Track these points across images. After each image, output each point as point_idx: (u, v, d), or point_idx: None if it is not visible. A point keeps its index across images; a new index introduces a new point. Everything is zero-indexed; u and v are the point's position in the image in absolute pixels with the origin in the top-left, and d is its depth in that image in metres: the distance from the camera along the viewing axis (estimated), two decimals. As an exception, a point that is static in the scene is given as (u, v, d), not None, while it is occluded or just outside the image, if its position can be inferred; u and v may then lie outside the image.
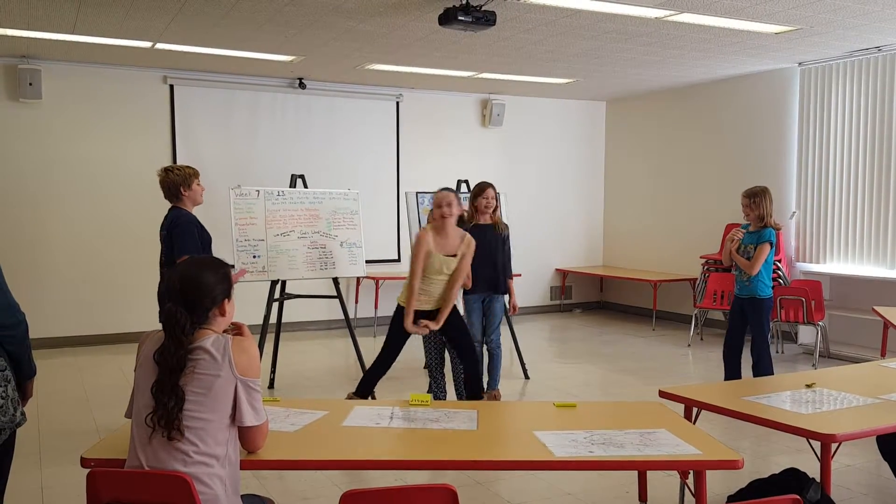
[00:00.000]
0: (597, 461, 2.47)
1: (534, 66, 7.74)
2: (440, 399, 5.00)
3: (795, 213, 7.82)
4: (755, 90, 8.22)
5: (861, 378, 3.77)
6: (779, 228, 5.27)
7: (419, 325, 4.73)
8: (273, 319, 6.26)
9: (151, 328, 2.30)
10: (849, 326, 7.30)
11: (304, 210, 6.29)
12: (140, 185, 7.47)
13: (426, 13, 5.55)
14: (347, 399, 4.82)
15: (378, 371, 4.94)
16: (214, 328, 2.24)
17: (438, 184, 8.31)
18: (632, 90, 9.36)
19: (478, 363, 5.01)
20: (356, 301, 8.70)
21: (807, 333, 7.41)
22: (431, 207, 4.79)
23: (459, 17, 5.06)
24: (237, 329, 2.34)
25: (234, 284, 2.35)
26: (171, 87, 7.98)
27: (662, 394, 3.42)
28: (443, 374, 5.13)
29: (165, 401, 2.08)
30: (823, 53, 7.11)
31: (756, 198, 5.18)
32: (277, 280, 6.22)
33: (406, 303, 4.75)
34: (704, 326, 8.44)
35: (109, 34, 6.31)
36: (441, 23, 5.24)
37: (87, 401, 5.61)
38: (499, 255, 5.47)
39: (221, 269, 2.31)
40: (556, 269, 10.17)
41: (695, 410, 3.33)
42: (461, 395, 5.07)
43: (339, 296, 6.27)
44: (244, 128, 8.31)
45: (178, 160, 7.74)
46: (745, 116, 8.37)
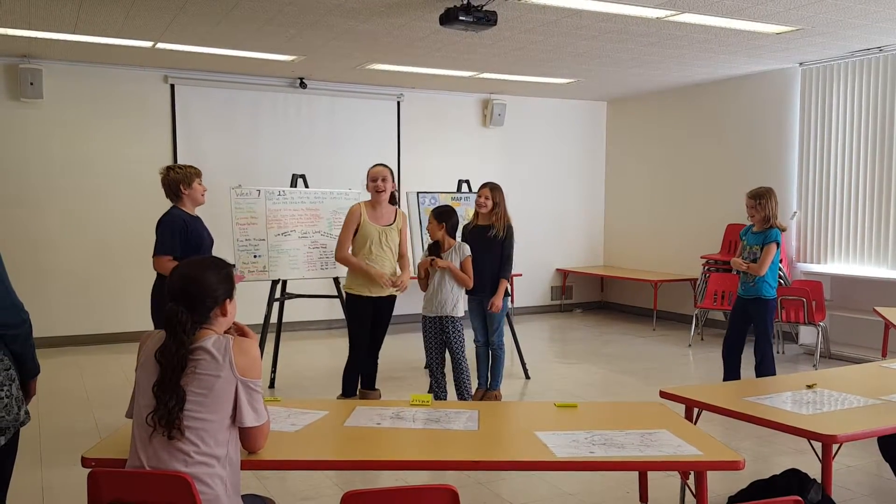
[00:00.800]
0: (598, 462, 2.47)
1: (535, 67, 7.74)
2: (441, 399, 5.01)
3: (796, 214, 7.82)
4: (756, 90, 8.22)
5: (862, 379, 3.77)
6: (784, 229, 5.24)
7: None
8: (274, 319, 6.27)
9: (152, 328, 2.30)
10: (850, 327, 7.30)
11: (305, 210, 6.29)
12: (141, 185, 7.47)
13: (427, 13, 5.55)
14: (337, 399, 4.85)
15: (353, 369, 5.05)
16: (216, 328, 2.24)
17: (439, 184, 8.41)
18: (633, 90, 9.35)
19: (373, 363, 5.16)
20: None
21: (808, 334, 7.41)
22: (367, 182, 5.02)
23: (460, 17, 5.07)
24: (240, 330, 2.34)
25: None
26: (172, 87, 7.98)
27: (663, 394, 3.42)
28: (443, 375, 5.13)
29: (166, 400, 2.09)
30: (824, 53, 7.11)
31: (762, 199, 5.14)
32: (278, 280, 6.23)
33: (354, 270, 4.86)
34: (705, 326, 8.44)
35: (110, 34, 6.31)
36: (442, 23, 5.23)
37: (88, 400, 5.61)
38: (494, 256, 5.35)
39: (223, 269, 2.31)
40: (557, 269, 10.17)
41: (696, 411, 3.33)
42: (461, 396, 5.08)
43: (340, 295, 6.27)
44: (245, 127, 8.31)
45: (179, 160, 7.74)
46: (746, 116, 8.37)
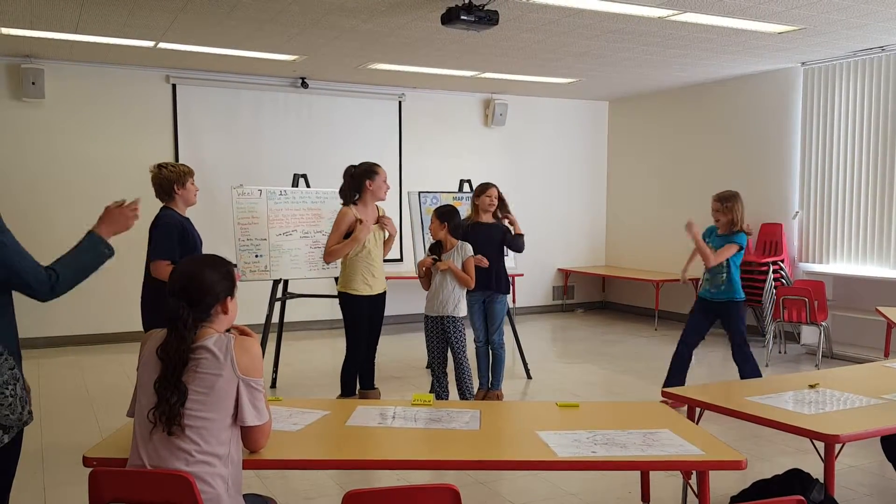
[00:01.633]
0: (599, 461, 2.46)
1: (536, 66, 7.74)
2: (443, 399, 5.00)
3: (798, 213, 7.81)
4: (758, 90, 8.21)
5: (864, 378, 3.76)
6: (749, 234, 5.14)
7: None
8: (275, 319, 6.27)
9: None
10: (852, 327, 7.29)
11: (307, 209, 6.29)
12: (143, 185, 7.30)
13: (428, 13, 5.55)
14: (337, 399, 4.84)
15: (351, 369, 5.04)
16: (217, 327, 2.24)
17: (441, 184, 8.41)
18: (634, 90, 9.35)
19: (370, 362, 5.17)
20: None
21: (810, 334, 7.40)
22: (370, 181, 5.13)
23: (462, 17, 5.06)
24: (240, 331, 2.34)
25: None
26: (174, 87, 7.99)
27: (665, 394, 3.41)
28: (445, 374, 5.13)
29: (168, 396, 2.09)
30: (827, 53, 7.10)
31: (728, 202, 5.07)
32: (280, 279, 6.23)
33: (346, 247, 4.87)
34: (707, 326, 8.43)
35: (112, 34, 6.31)
36: (443, 22, 5.23)
37: (90, 400, 5.62)
38: (495, 252, 5.42)
39: (224, 267, 2.31)
40: (559, 269, 10.17)
41: (698, 411, 3.32)
42: (462, 396, 5.07)
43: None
44: (246, 127, 8.31)
45: (181, 159, 7.74)
46: (748, 116, 8.36)
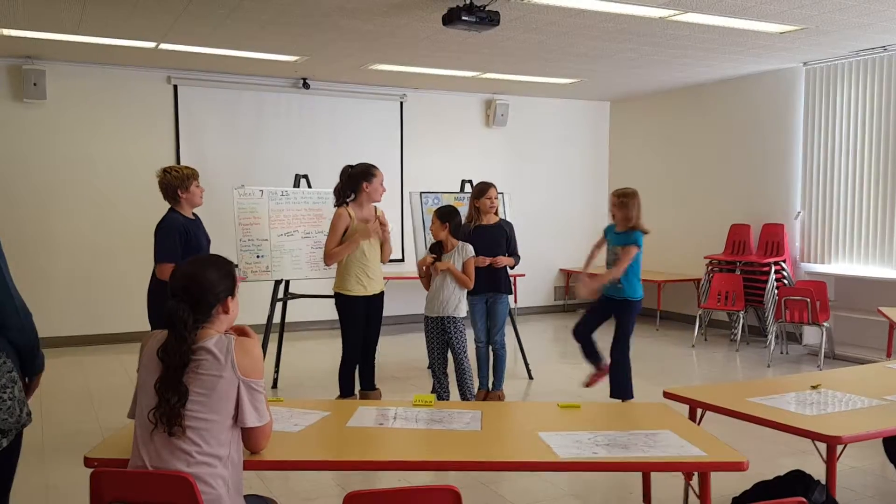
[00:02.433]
0: (601, 462, 2.46)
1: (538, 67, 7.73)
2: (444, 400, 5.00)
3: (800, 214, 7.80)
4: (760, 90, 8.20)
5: (866, 379, 3.75)
6: (647, 232, 5.18)
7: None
8: (277, 319, 6.27)
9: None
10: (854, 327, 7.27)
11: (308, 210, 6.30)
12: (144, 185, 7.42)
13: (430, 13, 5.54)
14: (336, 399, 4.84)
15: (348, 370, 5.03)
16: (217, 327, 2.24)
17: (442, 184, 8.40)
18: (636, 90, 9.34)
19: (370, 362, 5.13)
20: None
21: (812, 334, 7.38)
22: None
23: (463, 17, 5.06)
24: (240, 331, 2.34)
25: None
26: (175, 88, 7.99)
27: (667, 395, 3.41)
28: (446, 375, 5.12)
29: (168, 397, 2.09)
30: (828, 53, 7.09)
31: (626, 198, 5.14)
32: (281, 280, 6.23)
33: (346, 249, 4.84)
34: (709, 327, 8.43)
35: (113, 34, 6.32)
36: (445, 23, 5.23)
37: (91, 400, 5.62)
38: (499, 254, 5.45)
39: (225, 267, 2.31)
40: (560, 269, 10.16)
41: (699, 411, 3.32)
42: (463, 396, 5.07)
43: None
44: (248, 128, 8.31)
45: (182, 160, 7.76)
46: (750, 116, 8.35)
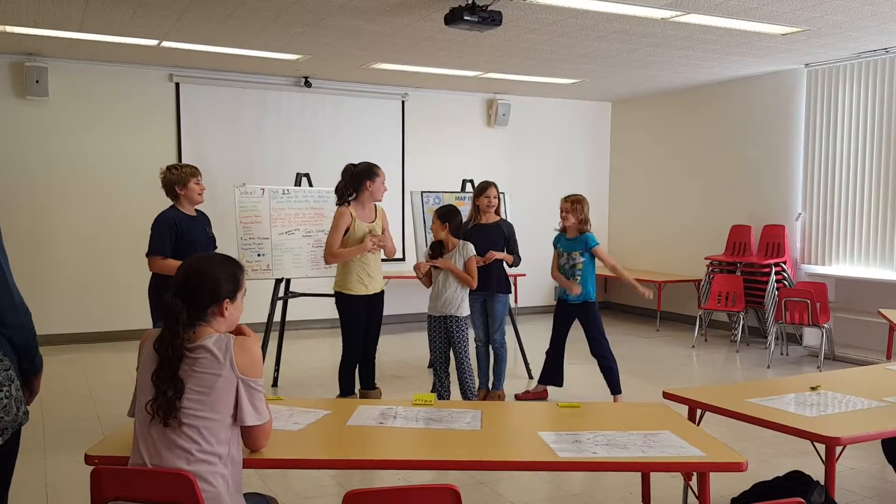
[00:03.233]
0: (600, 462, 2.46)
1: (539, 67, 7.73)
2: (444, 399, 5.00)
3: (801, 215, 7.80)
4: (762, 91, 8.20)
5: (866, 381, 3.75)
6: (591, 232, 5.50)
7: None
8: (277, 318, 6.28)
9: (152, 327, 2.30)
10: (854, 329, 7.28)
11: (309, 208, 6.30)
12: (145, 183, 7.41)
13: (432, 13, 5.55)
14: (336, 399, 4.85)
15: (349, 368, 5.04)
16: (216, 327, 2.22)
17: (443, 183, 8.40)
18: (638, 91, 9.34)
19: (371, 361, 5.14)
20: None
21: (812, 336, 7.39)
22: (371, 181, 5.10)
23: (465, 17, 5.06)
24: (237, 330, 2.32)
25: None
26: (177, 86, 8.00)
27: (666, 395, 3.41)
28: (447, 374, 5.12)
29: (165, 389, 2.09)
30: (830, 55, 7.09)
31: (577, 203, 5.46)
32: (282, 278, 6.23)
33: (349, 260, 4.87)
34: (709, 328, 8.43)
35: (116, 32, 6.32)
36: (447, 22, 5.23)
37: (91, 398, 5.63)
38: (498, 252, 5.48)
39: (229, 268, 2.26)
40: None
41: (699, 412, 3.32)
42: (464, 396, 5.07)
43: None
44: (249, 126, 8.32)
45: (184, 158, 7.76)
46: (752, 118, 8.35)
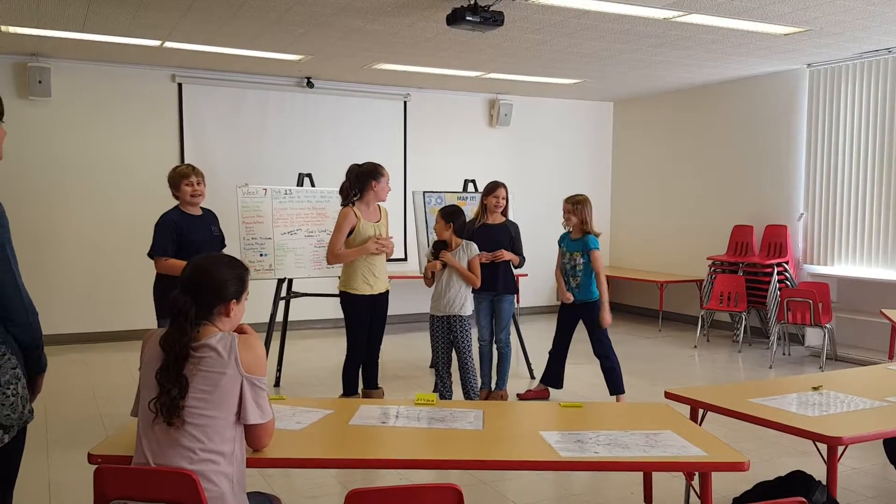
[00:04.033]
0: (602, 462, 2.47)
1: (541, 67, 7.74)
2: (446, 398, 5.00)
3: (803, 215, 7.80)
4: (764, 91, 8.20)
5: (868, 381, 3.76)
6: (598, 235, 5.47)
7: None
8: (280, 318, 6.29)
9: (156, 326, 2.31)
10: (856, 329, 7.28)
11: (312, 208, 6.31)
12: (148, 183, 7.49)
13: (434, 13, 5.55)
14: (339, 398, 4.85)
15: (353, 368, 5.05)
16: (220, 326, 2.24)
17: (446, 184, 8.41)
18: (640, 91, 9.34)
19: (374, 361, 5.15)
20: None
21: (814, 336, 7.38)
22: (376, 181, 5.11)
23: (467, 18, 5.07)
24: (239, 329, 2.33)
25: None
26: (180, 86, 8.01)
27: (668, 395, 3.42)
28: (449, 374, 5.13)
29: (169, 388, 2.10)
30: (832, 55, 7.08)
31: (579, 205, 5.44)
32: (284, 278, 6.24)
33: (352, 262, 4.89)
34: (711, 328, 8.42)
35: (118, 33, 6.33)
36: (449, 23, 5.24)
37: (95, 398, 5.64)
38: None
39: (236, 270, 2.28)
40: (563, 270, 10.15)
41: (700, 412, 3.32)
42: (466, 395, 5.08)
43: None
44: (252, 126, 8.33)
45: (186, 159, 7.78)
46: (754, 118, 8.35)
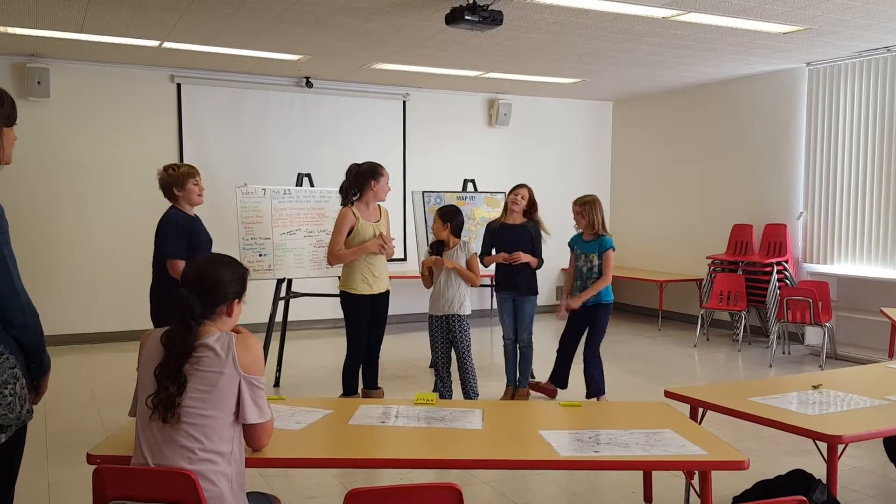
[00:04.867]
0: (602, 461, 2.47)
1: (540, 66, 7.73)
2: (446, 398, 5.00)
3: (803, 214, 7.80)
4: (763, 90, 8.19)
5: (868, 379, 3.76)
6: (610, 235, 5.44)
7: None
8: (279, 318, 6.28)
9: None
10: (856, 328, 7.27)
11: (311, 208, 6.31)
12: (146, 184, 7.38)
13: (433, 13, 5.55)
14: (339, 398, 4.85)
15: (353, 368, 5.05)
16: (220, 326, 2.25)
17: (445, 183, 8.42)
18: (639, 90, 9.34)
19: (374, 361, 5.17)
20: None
21: (814, 334, 7.38)
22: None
23: (466, 17, 5.07)
24: (235, 330, 2.34)
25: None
26: (179, 86, 8.01)
27: (668, 394, 3.42)
28: (449, 373, 5.13)
29: (167, 385, 2.10)
30: (832, 53, 7.08)
31: (587, 206, 5.38)
32: (283, 278, 6.24)
33: (352, 261, 4.90)
34: (710, 327, 8.42)
35: (117, 33, 6.33)
36: (448, 22, 5.24)
37: (94, 398, 5.64)
38: (525, 252, 5.58)
39: (239, 271, 2.33)
40: (563, 269, 10.14)
41: (700, 411, 3.32)
42: (466, 395, 5.08)
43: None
44: (251, 126, 8.33)
45: (185, 159, 7.77)
46: (753, 116, 8.35)
